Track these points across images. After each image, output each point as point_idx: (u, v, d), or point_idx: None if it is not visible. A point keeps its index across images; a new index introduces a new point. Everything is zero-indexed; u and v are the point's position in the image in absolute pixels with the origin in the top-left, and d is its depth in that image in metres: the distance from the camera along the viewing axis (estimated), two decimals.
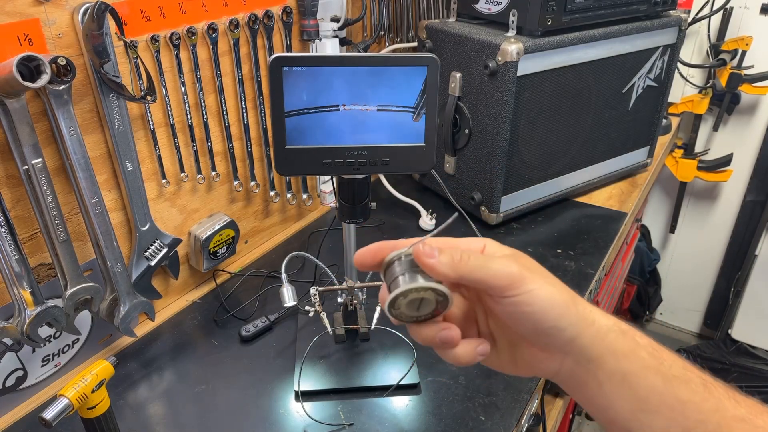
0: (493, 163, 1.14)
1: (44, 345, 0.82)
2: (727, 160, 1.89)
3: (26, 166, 0.74)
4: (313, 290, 0.88)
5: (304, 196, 1.24)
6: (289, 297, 0.90)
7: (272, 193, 1.17)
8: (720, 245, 2.13)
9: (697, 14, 1.72)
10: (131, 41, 0.82)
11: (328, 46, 1.13)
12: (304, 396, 0.84)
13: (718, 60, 1.77)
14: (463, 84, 1.15)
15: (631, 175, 1.44)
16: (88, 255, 0.87)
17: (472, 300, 0.47)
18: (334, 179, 0.76)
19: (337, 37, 1.15)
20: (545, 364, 0.44)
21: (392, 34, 1.40)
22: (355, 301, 0.91)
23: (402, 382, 0.84)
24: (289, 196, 1.21)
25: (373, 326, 0.88)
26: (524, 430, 0.84)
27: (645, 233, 2.22)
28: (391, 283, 0.43)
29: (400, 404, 0.83)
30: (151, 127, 0.91)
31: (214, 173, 1.03)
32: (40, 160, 0.74)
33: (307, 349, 0.89)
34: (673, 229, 2.18)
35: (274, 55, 0.63)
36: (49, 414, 0.61)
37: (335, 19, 1.15)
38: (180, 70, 0.92)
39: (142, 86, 0.86)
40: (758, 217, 2.00)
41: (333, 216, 1.27)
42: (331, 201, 1.34)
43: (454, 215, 0.47)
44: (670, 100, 1.69)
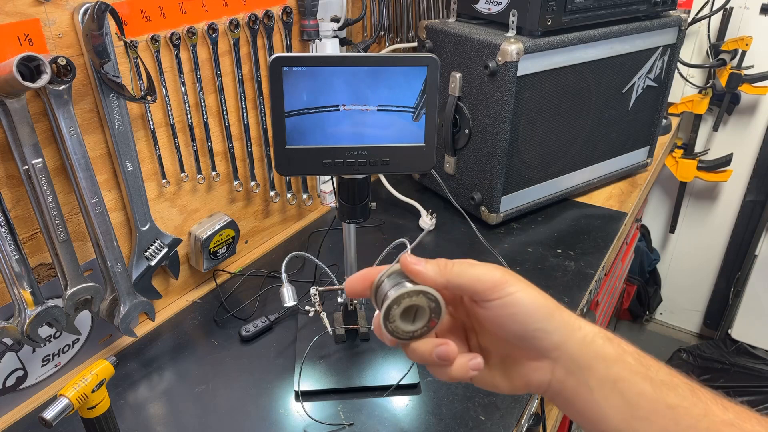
0: (493, 163, 1.14)
1: (44, 345, 0.82)
2: (726, 160, 1.89)
3: (26, 166, 0.74)
4: (313, 290, 0.88)
5: (304, 196, 1.24)
6: (289, 297, 0.90)
7: (272, 193, 1.17)
8: (720, 245, 2.13)
9: (697, 14, 1.72)
10: (131, 41, 0.82)
11: (328, 46, 1.13)
12: (304, 396, 0.84)
13: (718, 60, 1.77)
14: (463, 84, 1.15)
15: (631, 175, 1.44)
16: (88, 255, 0.87)
17: (461, 318, 0.48)
18: (334, 179, 0.76)
19: (337, 37, 1.15)
20: (537, 375, 0.44)
21: (392, 34, 1.40)
22: (355, 301, 0.91)
23: (402, 382, 0.84)
24: (289, 196, 1.21)
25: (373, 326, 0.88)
26: (524, 430, 0.84)
27: (645, 233, 2.22)
28: (383, 299, 0.44)
29: (400, 404, 0.83)
30: (152, 127, 0.91)
31: (214, 173, 1.03)
32: (40, 160, 0.74)
33: (307, 349, 0.89)
34: (672, 229, 2.18)
35: (274, 55, 0.63)
36: (49, 414, 0.61)
37: (335, 19, 1.15)
38: (180, 70, 0.92)
39: (142, 86, 0.86)
40: (758, 217, 2.00)
41: (333, 216, 1.27)
42: (331, 201, 1.34)
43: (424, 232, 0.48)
44: (670, 100, 1.69)
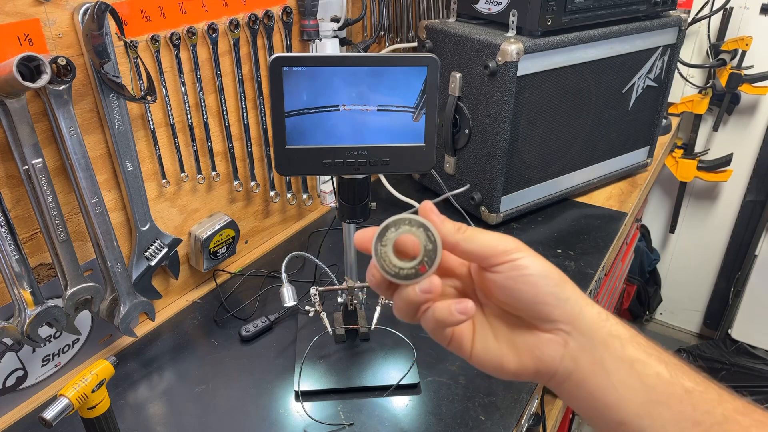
0: (493, 163, 1.14)
1: (44, 345, 0.82)
2: (726, 160, 1.89)
3: (26, 166, 0.74)
4: (313, 290, 0.88)
5: (304, 196, 1.24)
6: (289, 297, 0.90)
7: (272, 193, 1.17)
8: (720, 245, 2.13)
9: (697, 14, 1.72)
10: (131, 41, 0.82)
11: (328, 46, 1.13)
12: (304, 396, 0.84)
13: (718, 60, 1.77)
14: (463, 84, 1.15)
15: (631, 175, 1.44)
16: (88, 255, 0.87)
17: (467, 292, 0.45)
18: (334, 179, 0.77)
19: (337, 37, 1.15)
20: (549, 349, 0.41)
21: (392, 34, 1.40)
22: (355, 301, 0.91)
23: (402, 382, 0.84)
24: (289, 196, 1.21)
25: (373, 326, 0.88)
26: (524, 430, 0.84)
27: (645, 233, 2.22)
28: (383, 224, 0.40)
29: (400, 404, 0.83)
30: (151, 127, 0.91)
31: (214, 173, 1.03)
32: (40, 160, 0.74)
33: (307, 349, 0.89)
34: (672, 229, 2.18)
35: (274, 55, 0.63)
36: (49, 414, 0.61)
37: (335, 19, 1.15)
38: (180, 70, 0.92)
39: (142, 86, 0.86)
40: (758, 217, 2.00)
41: (333, 216, 1.27)
42: (331, 201, 1.34)
43: (465, 187, 0.47)
44: (670, 100, 1.69)
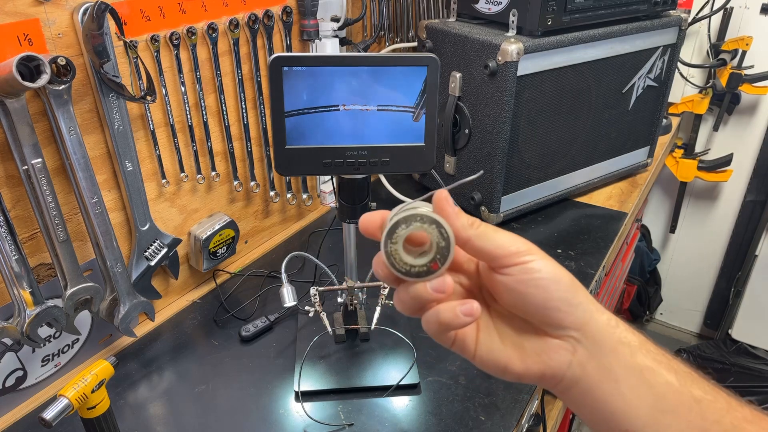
0: (493, 163, 1.14)
1: (44, 345, 0.82)
2: (727, 160, 1.89)
3: (26, 166, 0.74)
4: (313, 290, 0.88)
5: (304, 196, 1.24)
6: (289, 297, 0.90)
7: (272, 193, 1.17)
8: (720, 245, 2.13)
9: (697, 14, 1.72)
10: (131, 41, 0.82)
11: (328, 46, 1.13)
12: (304, 396, 0.84)
13: (718, 60, 1.77)
14: (463, 84, 1.15)
15: (631, 175, 1.44)
16: (88, 255, 0.87)
17: (473, 291, 0.44)
18: (334, 179, 0.76)
19: (337, 37, 1.15)
20: (557, 355, 0.39)
21: (392, 34, 1.40)
22: (355, 301, 0.90)
23: (402, 382, 0.84)
24: (289, 196, 1.21)
25: (373, 326, 0.88)
26: (524, 430, 0.84)
27: (645, 233, 2.22)
28: (393, 217, 0.39)
29: (400, 404, 0.83)
30: (151, 127, 0.91)
31: (214, 173, 1.03)
32: (40, 160, 0.74)
33: (307, 349, 0.89)
34: (673, 229, 2.18)
35: (274, 55, 0.63)
36: (49, 414, 0.61)
37: (335, 19, 1.14)
38: (180, 70, 0.92)
39: (142, 86, 0.85)
40: (758, 217, 2.00)
41: (333, 216, 1.26)
42: (331, 201, 1.34)
43: (479, 173, 0.45)
44: (670, 100, 1.69)
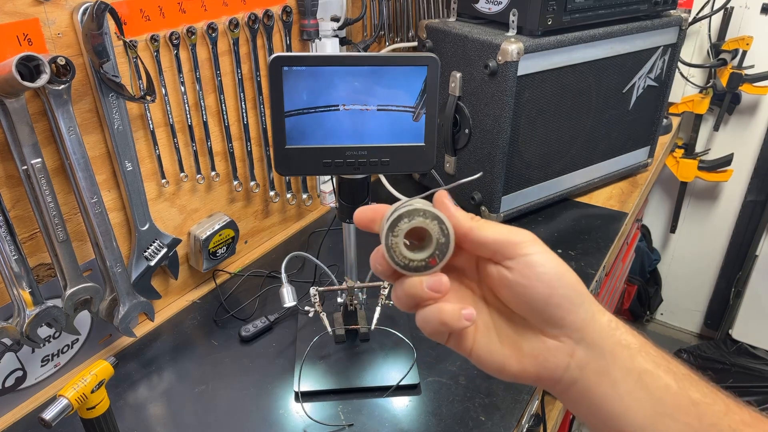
0: (493, 163, 1.14)
1: (44, 345, 0.82)
2: (727, 160, 1.89)
3: (26, 166, 0.74)
4: (313, 290, 0.87)
5: (304, 196, 1.24)
6: (288, 297, 0.90)
7: (272, 193, 1.17)
8: (720, 245, 2.13)
9: (697, 14, 1.72)
10: (131, 41, 0.82)
11: (328, 46, 1.13)
12: (304, 396, 0.83)
13: (718, 60, 1.77)
14: (463, 84, 1.15)
15: (632, 175, 1.44)
16: (88, 255, 0.87)
17: (471, 288, 0.43)
18: (334, 179, 0.76)
19: (337, 36, 1.15)
20: (555, 356, 0.39)
21: (392, 34, 1.40)
22: (355, 301, 0.90)
23: (402, 383, 0.84)
24: (289, 196, 1.21)
25: (373, 326, 0.88)
26: (524, 430, 0.84)
27: (645, 233, 2.21)
28: (395, 211, 0.39)
29: (400, 404, 0.83)
30: (151, 127, 0.91)
31: (213, 173, 1.03)
32: (40, 160, 0.74)
33: (307, 350, 0.89)
34: (673, 229, 2.18)
35: (274, 54, 0.63)
36: (49, 414, 0.61)
37: (335, 19, 1.14)
38: (179, 70, 0.92)
39: (142, 86, 0.85)
40: (759, 217, 2.00)
41: (333, 216, 1.26)
42: (331, 201, 1.33)
43: (478, 174, 0.45)
44: (671, 99, 1.69)
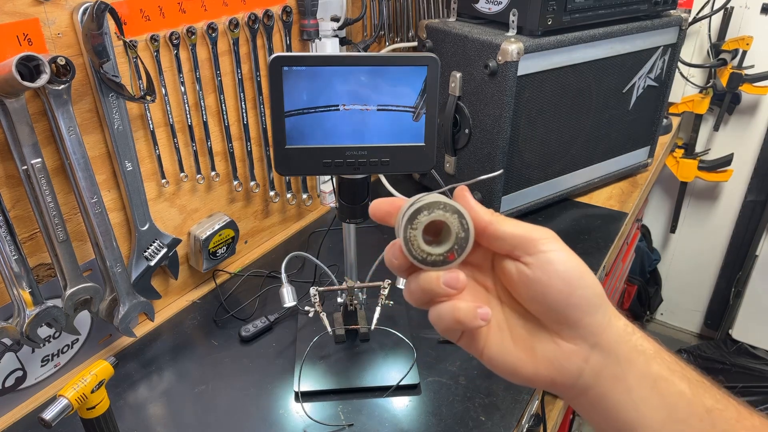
0: (494, 163, 1.14)
1: (44, 345, 0.82)
2: (727, 160, 1.89)
3: (25, 166, 0.74)
4: (313, 290, 0.87)
5: (304, 196, 1.24)
6: (288, 297, 0.90)
7: (272, 193, 1.17)
8: (720, 245, 2.13)
9: (697, 14, 1.72)
10: (131, 41, 0.82)
11: (328, 46, 1.13)
12: (304, 396, 0.83)
13: (718, 60, 1.77)
14: (464, 84, 1.15)
15: (632, 175, 1.44)
16: (88, 255, 0.87)
17: (486, 286, 0.42)
18: (334, 179, 0.76)
19: (337, 36, 1.15)
20: (569, 361, 0.38)
21: (392, 34, 1.40)
22: (355, 301, 0.90)
23: (402, 383, 0.84)
24: (289, 196, 1.21)
25: (373, 326, 0.88)
26: (524, 430, 0.84)
27: (645, 233, 2.21)
28: (414, 204, 0.38)
29: (400, 404, 0.83)
30: (151, 127, 0.91)
31: (213, 173, 1.03)
32: (40, 160, 0.74)
33: (307, 350, 0.89)
34: (673, 229, 2.18)
35: (274, 54, 0.63)
36: (49, 414, 0.61)
37: (335, 19, 1.14)
38: (179, 70, 0.92)
39: (142, 86, 0.85)
40: (759, 217, 2.00)
41: (333, 216, 1.26)
42: (331, 201, 1.33)
43: (499, 171, 0.44)
44: (671, 99, 1.69)
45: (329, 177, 1.26)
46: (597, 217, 1.27)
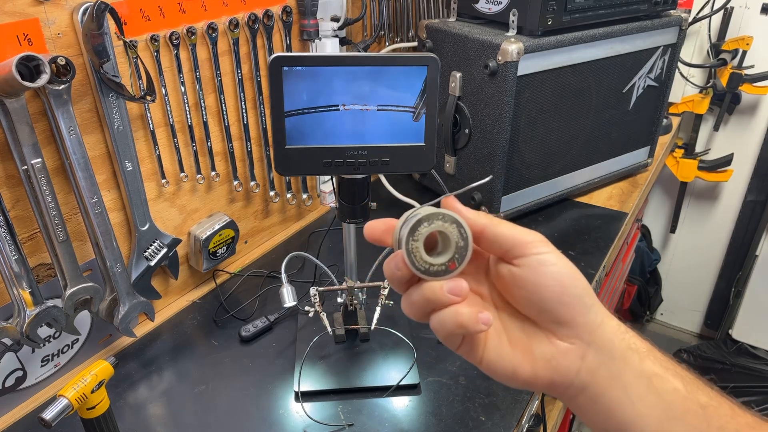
0: (494, 163, 1.14)
1: (44, 345, 0.82)
2: (727, 160, 1.89)
3: (26, 166, 0.74)
4: (313, 290, 0.87)
5: (304, 196, 1.24)
6: (288, 297, 0.90)
7: (272, 193, 1.17)
8: (720, 245, 2.13)
9: (697, 14, 1.72)
10: (131, 41, 0.82)
11: (328, 46, 1.13)
12: (304, 396, 0.83)
13: (718, 60, 1.77)
14: (464, 84, 1.15)
15: (632, 175, 1.44)
16: (88, 255, 0.87)
17: (481, 290, 0.43)
18: (334, 179, 0.76)
19: (337, 36, 1.15)
20: (566, 360, 0.39)
21: (392, 34, 1.40)
22: (355, 301, 0.90)
23: (402, 383, 0.84)
24: (289, 196, 1.21)
25: (373, 326, 0.88)
26: (524, 430, 0.84)
27: (645, 233, 2.21)
28: (413, 216, 0.39)
29: (400, 404, 0.83)
30: (151, 127, 0.91)
31: (213, 173, 1.03)
32: (40, 160, 0.74)
33: (307, 350, 0.89)
34: (673, 229, 2.18)
35: (274, 54, 0.63)
36: (49, 414, 0.61)
37: (335, 19, 1.14)
38: (180, 70, 0.92)
39: (142, 86, 0.85)
40: (759, 217, 2.00)
41: (333, 216, 1.26)
42: (331, 201, 1.33)
43: (488, 178, 0.44)
44: (671, 99, 1.69)
45: (329, 177, 1.26)
46: (597, 217, 1.27)
